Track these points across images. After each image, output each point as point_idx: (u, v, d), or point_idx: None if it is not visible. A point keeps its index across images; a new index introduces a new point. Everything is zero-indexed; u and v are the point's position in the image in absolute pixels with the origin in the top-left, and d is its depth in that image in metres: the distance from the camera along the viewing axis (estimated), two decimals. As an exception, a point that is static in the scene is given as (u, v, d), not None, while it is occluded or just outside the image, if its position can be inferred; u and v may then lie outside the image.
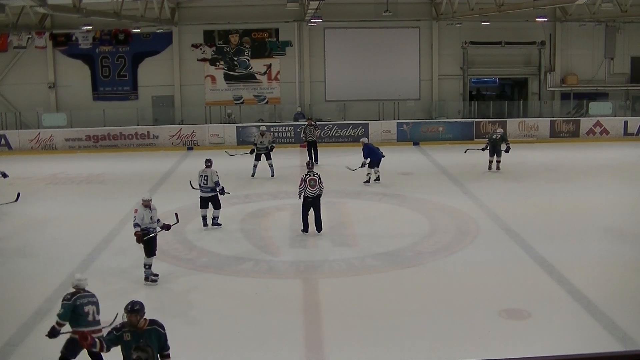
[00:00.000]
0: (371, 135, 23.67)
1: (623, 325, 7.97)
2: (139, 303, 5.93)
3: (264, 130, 16.91)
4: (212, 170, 12.65)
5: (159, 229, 9.78)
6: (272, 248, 11.56)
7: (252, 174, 16.73)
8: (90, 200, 15.69)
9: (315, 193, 11.95)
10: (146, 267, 9.73)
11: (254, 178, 17.03)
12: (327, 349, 7.76)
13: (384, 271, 10.37)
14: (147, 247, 9.68)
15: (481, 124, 23.97)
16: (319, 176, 12.08)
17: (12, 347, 7.85)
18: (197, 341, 7.96)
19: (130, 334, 5.77)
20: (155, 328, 5.87)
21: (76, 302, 6.71)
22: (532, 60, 26.17)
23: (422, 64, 26.21)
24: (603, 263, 10.51)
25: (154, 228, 9.71)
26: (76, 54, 25.41)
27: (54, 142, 23.29)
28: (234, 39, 25.80)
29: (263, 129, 17.04)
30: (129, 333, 5.77)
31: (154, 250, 9.76)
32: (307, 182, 11.95)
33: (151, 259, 9.73)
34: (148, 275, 9.72)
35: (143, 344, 5.73)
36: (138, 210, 9.71)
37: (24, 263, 11.15)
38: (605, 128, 23.89)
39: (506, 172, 18.09)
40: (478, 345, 7.68)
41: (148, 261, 9.71)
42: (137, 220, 9.59)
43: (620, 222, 13.04)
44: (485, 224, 12.78)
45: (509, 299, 9.00)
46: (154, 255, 9.78)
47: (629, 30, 25.73)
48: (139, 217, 9.61)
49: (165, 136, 23.55)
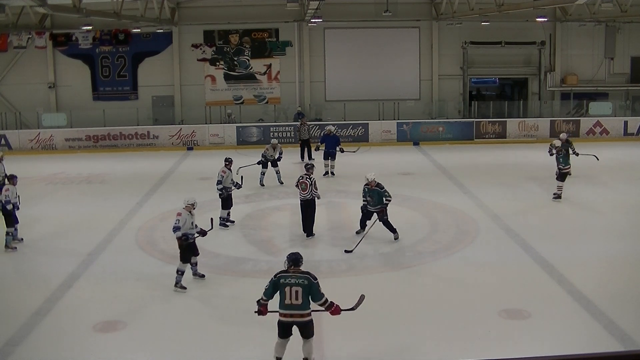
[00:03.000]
0: (371, 135, 23.75)
1: (623, 325, 7.97)
2: (298, 255, 7.03)
3: (275, 143, 16.83)
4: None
5: (197, 234, 9.65)
6: (272, 248, 11.55)
7: (260, 181, 16.53)
8: (90, 200, 15.68)
9: (306, 197, 11.82)
10: (179, 273, 9.47)
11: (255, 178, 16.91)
12: (327, 349, 7.76)
13: (384, 271, 10.37)
14: (185, 253, 9.48)
15: (481, 124, 23.98)
16: (313, 181, 11.82)
17: (12, 347, 7.84)
18: (197, 341, 7.96)
19: (286, 279, 6.81)
20: (307, 277, 6.86)
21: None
22: (532, 60, 26.18)
23: (422, 64, 26.22)
24: (603, 263, 10.52)
25: (193, 234, 9.55)
26: (76, 54, 25.42)
27: (54, 142, 23.29)
28: (234, 39, 25.80)
29: (274, 142, 17.01)
30: (285, 278, 6.81)
31: (189, 257, 9.58)
32: (299, 184, 11.92)
33: (185, 265, 9.52)
34: (179, 281, 9.46)
35: (297, 283, 6.78)
36: (182, 214, 9.43)
37: (23, 263, 11.16)
38: (605, 128, 23.90)
39: (506, 172, 18.11)
40: (478, 345, 7.69)
41: (182, 267, 9.47)
42: (180, 224, 9.32)
43: (621, 222, 13.05)
44: (485, 224, 12.78)
45: (509, 299, 9.00)
46: (189, 262, 9.59)
47: (629, 30, 25.73)
48: (182, 221, 9.36)
49: (165, 136, 23.55)
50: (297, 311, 6.78)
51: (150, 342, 8.02)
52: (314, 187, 11.86)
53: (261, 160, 16.45)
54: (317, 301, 6.87)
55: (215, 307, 9.13)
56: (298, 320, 6.83)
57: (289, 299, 6.76)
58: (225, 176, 12.69)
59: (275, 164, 16.55)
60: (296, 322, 6.84)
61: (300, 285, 6.78)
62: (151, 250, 11.62)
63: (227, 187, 12.68)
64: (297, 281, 6.81)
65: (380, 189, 11.60)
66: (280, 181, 16.51)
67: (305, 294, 6.78)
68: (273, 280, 6.91)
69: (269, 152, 16.52)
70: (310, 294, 6.80)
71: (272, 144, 16.78)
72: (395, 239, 11.61)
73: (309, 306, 6.85)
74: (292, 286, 6.78)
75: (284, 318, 6.84)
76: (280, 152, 16.73)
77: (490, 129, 23.97)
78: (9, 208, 11.34)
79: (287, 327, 6.87)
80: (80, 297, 9.47)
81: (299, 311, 6.78)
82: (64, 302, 9.28)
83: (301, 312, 6.80)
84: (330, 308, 6.95)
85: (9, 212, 11.39)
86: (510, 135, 23.92)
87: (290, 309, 6.78)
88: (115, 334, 8.20)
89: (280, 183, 16.46)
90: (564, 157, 14.37)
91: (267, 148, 16.66)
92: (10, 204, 11.36)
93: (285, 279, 6.83)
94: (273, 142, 16.95)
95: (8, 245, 11.39)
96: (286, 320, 6.83)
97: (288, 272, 6.91)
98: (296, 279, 6.82)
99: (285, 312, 6.80)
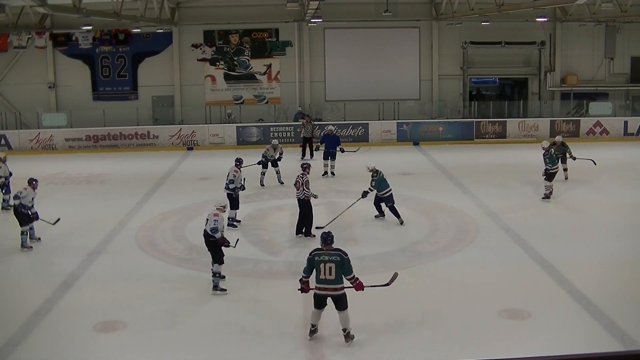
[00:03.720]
0: (371, 135, 23.75)
1: (623, 325, 7.98)
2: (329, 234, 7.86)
3: (276, 143, 16.87)
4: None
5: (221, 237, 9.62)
6: (272, 248, 11.56)
7: (260, 181, 16.53)
8: (90, 201, 15.69)
9: (298, 196, 11.88)
10: (218, 275, 9.43)
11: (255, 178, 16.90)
12: (327, 350, 7.76)
13: (384, 271, 10.34)
14: (221, 254, 9.46)
15: (481, 124, 23.98)
16: (304, 180, 11.82)
17: (12, 347, 7.84)
18: (196, 341, 7.96)
19: (320, 256, 7.53)
20: (339, 253, 7.58)
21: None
22: (532, 60, 26.18)
23: (422, 64, 26.21)
24: (603, 263, 10.52)
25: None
26: (76, 54, 25.41)
27: (54, 142, 23.29)
28: (234, 39, 25.80)
29: (275, 142, 17.03)
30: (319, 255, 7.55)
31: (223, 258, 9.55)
32: (295, 184, 11.99)
33: (222, 267, 9.48)
34: (217, 284, 9.42)
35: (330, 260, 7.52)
36: (219, 215, 9.47)
37: (23, 263, 11.16)
38: (605, 128, 23.89)
39: (506, 172, 18.12)
40: (478, 345, 7.69)
41: (219, 269, 9.44)
42: (218, 225, 9.37)
43: (621, 222, 13.06)
44: (485, 224, 12.78)
45: (508, 299, 9.00)
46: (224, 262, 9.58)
47: (629, 30, 25.73)
48: (220, 223, 9.42)
49: (165, 136, 23.55)
50: (331, 285, 7.50)
51: (150, 342, 8.03)
52: (305, 186, 11.80)
53: (261, 161, 16.46)
54: (347, 275, 7.58)
55: (215, 308, 9.13)
56: (332, 294, 7.54)
57: (324, 275, 7.49)
58: (237, 176, 12.71)
59: (275, 164, 16.56)
60: (330, 295, 7.55)
61: (333, 261, 7.50)
62: (151, 250, 11.62)
63: (237, 187, 12.70)
64: (330, 258, 7.53)
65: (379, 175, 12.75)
66: (281, 181, 16.52)
67: (338, 270, 7.49)
68: (309, 258, 7.69)
69: (269, 153, 16.53)
70: (342, 269, 7.51)
71: (273, 145, 16.81)
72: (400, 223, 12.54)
73: (342, 281, 7.56)
74: (325, 263, 7.49)
75: (319, 291, 7.58)
76: (281, 152, 16.76)
77: (490, 129, 23.96)
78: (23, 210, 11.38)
79: (322, 299, 7.62)
80: (81, 297, 9.48)
81: (332, 285, 7.50)
82: (64, 302, 9.29)
83: (334, 286, 7.52)
84: (355, 282, 7.66)
85: (23, 212, 11.41)
86: (510, 135, 23.92)
87: (324, 283, 7.51)
88: (115, 334, 8.20)
89: (281, 183, 16.46)
90: (550, 157, 14.41)
91: (268, 148, 16.67)
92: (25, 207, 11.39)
93: (319, 257, 7.55)
94: (274, 143, 16.98)
95: (24, 245, 11.42)
96: (321, 293, 7.57)
97: (322, 249, 7.67)
98: (329, 256, 7.54)
99: (320, 287, 7.53)
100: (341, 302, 7.59)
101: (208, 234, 9.44)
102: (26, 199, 11.48)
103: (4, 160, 14.82)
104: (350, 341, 7.67)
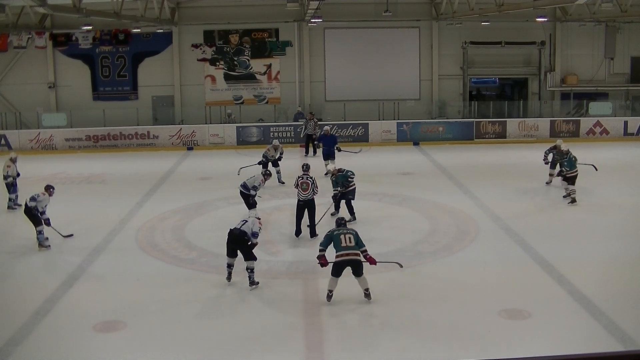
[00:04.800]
0: (371, 135, 23.75)
1: (623, 325, 7.97)
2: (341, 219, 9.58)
3: (277, 144, 16.90)
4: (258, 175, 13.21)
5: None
6: (272, 248, 11.55)
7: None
8: (90, 201, 15.68)
9: (308, 197, 11.89)
10: (252, 270, 9.54)
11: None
12: (327, 350, 7.77)
13: (384, 271, 10.35)
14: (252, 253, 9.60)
15: (481, 124, 23.98)
16: (313, 180, 11.98)
17: (12, 347, 7.84)
18: (196, 341, 7.96)
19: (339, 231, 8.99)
20: (353, 229, 9.27)
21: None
22: (532, 60, 26.18)
23: (422, 64, 26.22)
24: (603, 263, 10.51)
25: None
26: (76, 54, 25.42)
27: (54, 142, 23.29)
28: (234, 39, 25.80)
29: (276, 142, 17.06)
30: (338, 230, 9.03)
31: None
32: (300, 185, 11.96)
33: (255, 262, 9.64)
34: (253, 279, 9.53)
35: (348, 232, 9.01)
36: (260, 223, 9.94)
37: (23, 263, 11.15)
38: (605, 128, 23.88)
39: (506, 172, 18.12)
40: (478, 345, 7.69)
41: (253, 265, 9.55)
42: (259, 232, 9.72)
43: (620, 222, 13.06)
44: (485, 224, 12.78)
45: (509, 299, 9.00)
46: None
47: (629, 30, 25.73)
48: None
49: (165, 136, 23.55)
50: (351, 250, 8.74)
51: (149, 342, 8.03)
52: (315, 185, 11.95)
53: (262, 161, 16.47)
54: (361, 248, 8.89)
55: (215, 308, 9.13)
56: (352, 259, 8.71)
57: (345, 242, 8.77)
58: (263, 185, 13.02)
59: (276, 164, 16.58)
60: (350, 259, 8.71)
61: (350, 233, 8.94)
62: (151, 250, 11.62)
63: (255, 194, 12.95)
64: (347, 231, 8.99)
65: (342, 172, 12.75)
66: (281, 181, 16.52)
67: (355, 239, 8.87)
68: (328, 235, 9.04)
69: (270, 153, 16.57)
70: (357, 240, 8.88)
71: (274, 145, 16.84)
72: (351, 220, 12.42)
73: (359, 249, 8.83)
74: (345, 234, 8.89)
75: (340, 258, 8.71)
76: (281, 152, 16.78)
77: (490, 129, 23.96)
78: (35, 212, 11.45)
79: (341, 266, 8.71)
80: (81, 297, 9.48)
81: (353, 250, 8.75)
82: (64, 302, 9.28)
83: (354, 251, 8.76)
84: (368, 256, 8.91)
85: (37, 215, 11.44)
86: (510, 135, 23.92)
87: (346, 249, 8.72)
88: (115, 334, 8.20)
89: (281, 183, 16.47)
90: (569, 161, 14.18)
91: (269, 148, 16.70)
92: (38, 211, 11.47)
93: (339, 231, 8.97)
94: (274, 143, 17.00)
95: (42, 244, 11.43)
96: (342, 259, 8.69)
97: (339, 228, 9.09)
98: (346, 230, 9.02)
99: (342, 253, 8.70)
100: (358, 267, 8.76)
101: (245, 234, 9.54)
102: (42, 203, 11.56)
103: (14, 160, 14.85)
104: (370, 299, 8.83)
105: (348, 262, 8.70)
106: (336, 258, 8.74)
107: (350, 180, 12.70)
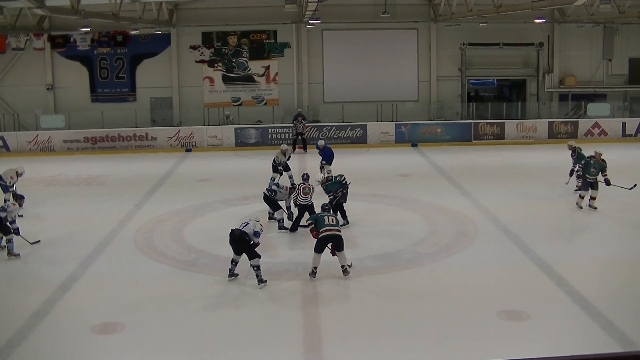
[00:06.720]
0: (369, 137, 23.77)
1: (622, 326, 7.98)
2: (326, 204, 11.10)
3: (285, 148, 16.16)
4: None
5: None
6: (271, 249, 11.54)
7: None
8: (88, 202, 15.67)
9: (308, 202, 12.29)
10: (257, 268, 9.65)
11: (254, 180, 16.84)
12: (326, 350, 7.76)
13: (383, 272, 10.37)
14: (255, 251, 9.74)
15: (479, 126, 24.00)
16: (313, 188, 12.52)
17: (11, 348, 7.83)
18: (196, 341, 7.96)
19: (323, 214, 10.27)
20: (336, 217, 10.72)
21: None
22: (530, 61, 26.22)
23: (421, 65, 26.23)
24: (602, 264, 10.54)
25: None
26: (74, 56, 25.39)
27: (52, 144, 23.27)
28: (232, 41, 25.80)
29: (284, 147, 16.38)
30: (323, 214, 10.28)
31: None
32: (302, 190, 12.39)
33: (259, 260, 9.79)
34: (261, 276, 9.65)
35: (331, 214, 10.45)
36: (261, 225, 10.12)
37: (23, 264, 11.14)
38: (603, 129, 23.93)
39: (504, 173, 18.13)
40: (477, 346, 7.69)
41: (258, 262, 9.68)
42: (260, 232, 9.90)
43: (619, 223, 13.07)
44: (484, 225, 12.79)
45: (508, 300, 9.01)
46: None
47: (627, 31, 25.77)
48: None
49: (163, 138, 23.54)
50: (334, 226, 9.87)
51: (148, 343, 8.02)
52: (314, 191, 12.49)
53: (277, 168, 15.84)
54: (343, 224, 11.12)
55: (214, 308, 9.13)
56: (335, 234, 9.75)
57: (328, 221, 9.89)
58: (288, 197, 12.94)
59: (287, 168, 16.05)
60: (333, 235, 9.72)
61: (333, 216, 10.28)
62: (150, 252, 11.61)
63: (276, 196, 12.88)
64: (330, 214, 10.32)
65: (330, 180, 13.05)
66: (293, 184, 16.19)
67: (337, 220, 10.20)
68: (314, 216, 10.32)
69: (279, 159, 15.86)
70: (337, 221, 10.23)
71: (282, 150, 16.14)
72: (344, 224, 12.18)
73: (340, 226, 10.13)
74: (328, 216, 10.11)
75: (325, 233, 9.72)
76: (289, 156, 16.34)
77: (488, 130, 23.99)
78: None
79: (324, 241, 9.72)
80: (79, 299, 9.47)
81: (335, 226, 9.90)
82: (63, 303, 9.27)
83: (337, 227, 9.92)
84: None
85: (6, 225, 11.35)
86: (509, 136, 23.94)
87: (329, 226, 9.80)
88: (113, 335, 8.19)
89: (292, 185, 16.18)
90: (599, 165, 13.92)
91: (277, 155, 15.99)
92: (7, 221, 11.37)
93: (323, 214, 10.20)
94: (283, 148, 16.28)
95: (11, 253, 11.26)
96: (326, 234, 9.71)
97: (323, 212, 10.36)
98: (330, 214, 10.36)
99: (327, 228, 9.75)
100: (340, 242, 9.75)
101: (245, 234, 9.67)
102: (12, 213, 11.55)
103: (20, 174, 14.49)
104: (347, 275, 9.79)
105: (331, 237, 9.70)
106: (320, 234, 9.73)
107: (345, 183, 12.85)
